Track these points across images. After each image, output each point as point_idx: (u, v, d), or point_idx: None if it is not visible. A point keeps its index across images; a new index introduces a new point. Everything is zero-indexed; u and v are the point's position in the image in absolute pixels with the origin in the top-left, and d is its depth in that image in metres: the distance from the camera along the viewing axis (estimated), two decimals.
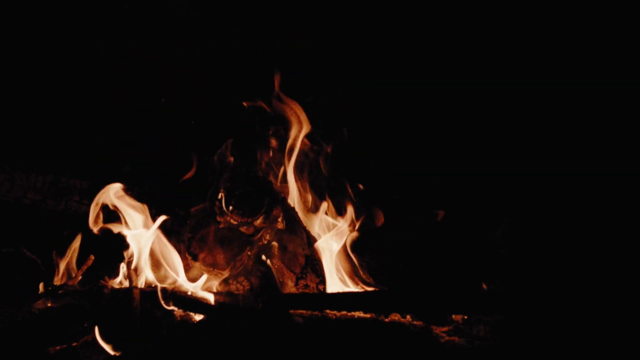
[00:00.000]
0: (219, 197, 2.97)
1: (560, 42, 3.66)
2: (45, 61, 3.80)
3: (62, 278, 2.62)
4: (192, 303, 2.43)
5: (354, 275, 2.90)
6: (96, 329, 2.17)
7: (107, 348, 2.13)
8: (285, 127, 3.21)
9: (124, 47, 3.85)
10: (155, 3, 3.83)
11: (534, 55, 3.72)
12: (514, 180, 3.60)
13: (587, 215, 3.11)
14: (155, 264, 2.76)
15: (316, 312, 2.43)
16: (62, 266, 2.63)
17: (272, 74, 3.22)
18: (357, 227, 3.08)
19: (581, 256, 2.79)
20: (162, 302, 2.38)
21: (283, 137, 3.22)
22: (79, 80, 3.82)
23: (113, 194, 2.80)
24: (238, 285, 2.80)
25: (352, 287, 2.85)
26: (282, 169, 3.19)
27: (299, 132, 3.18)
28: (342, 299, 2.51)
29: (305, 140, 3.24)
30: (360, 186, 3.19)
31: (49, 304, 2.48)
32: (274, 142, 3.21)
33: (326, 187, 3.26)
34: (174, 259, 2.80)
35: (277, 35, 3.68)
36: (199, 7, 3.82)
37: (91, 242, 2.98)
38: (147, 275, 2.64)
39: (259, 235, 2.96)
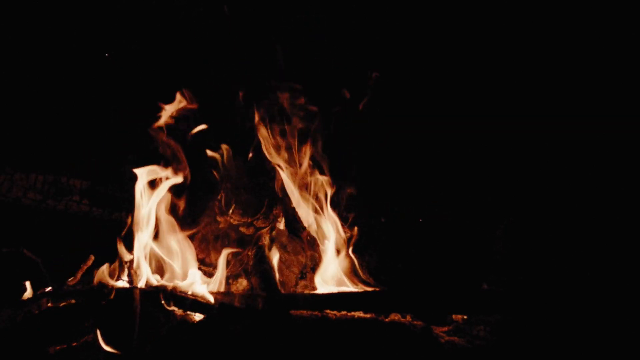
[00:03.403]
0: (219, 197, 2.97)
1: (555, 47, 3.67)
2: (44, 61, 3.80)
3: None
4: (192, 303, 2.43)
5: (354, 275, 2.90)
6: (96, 329, 2.18)
7: (107, 348, 2.13)
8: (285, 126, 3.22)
9: (123, 47, 3.85)
10: (154, 3, 3.83)
11: (532, 59, 3.73)
12: (514, 181, 3.60)
13: (587, 216, 3.11)
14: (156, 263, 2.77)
15: (316, 312, 2.43)
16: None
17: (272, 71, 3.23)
18: (357, 228, 3.08)
19: (581, 256, 2.79)
20: (163, 302, 2.39)
21: (282, 136, 3.22)
22: (78, 81, 3.81)
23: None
24: (238, 285, 2.80)
25: (352, 287, 2.85)
26: (280, 169, 3.18)
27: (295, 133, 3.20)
28: (342, 299, 2.51)
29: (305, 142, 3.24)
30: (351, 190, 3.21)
31: (49, 304, 2.48)
32: (274, 141, 3.21)
33: (326, 188, 3.25)
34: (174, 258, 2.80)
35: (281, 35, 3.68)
36: (199, 6, 3.83)
37: (91, 242, 2.98)
38: (147, 275, 2.64)
39: (258, 235, 2.96)
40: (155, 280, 2.65)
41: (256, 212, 2.92)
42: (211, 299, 2.49)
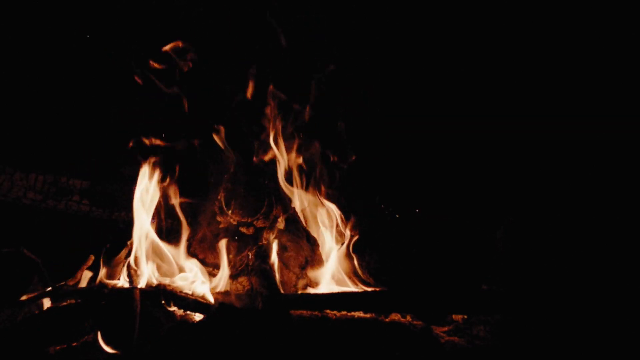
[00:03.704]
0: (219, 197, 2.97)
1: (555, 47, 3.67)
2: (44, 61, 3.80)
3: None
4: (192, 303, 2.43)
5: (354, 275, 2.90)
6: (97, 329, 2.17)
7: (107, 348, 2.13)
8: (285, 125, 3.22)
9: (123, 46, 3.85)
10: (154, 3, 3.83)
11: (532, 59, 3.73)
12: (514, 181, 3.60)
13: (587, 216, 3.11)
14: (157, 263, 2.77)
15: (316, 312, 2.43)
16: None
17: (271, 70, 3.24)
18: (357, 228, 3.08)
19: (580, 256, 2.79)
20: (163, 302, 2.38)
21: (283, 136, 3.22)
22: (78, 81, 3.82)
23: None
24: (238, 285, 2.80)
25: (352, 287, 2.85)
26: (281, 168, 3.18)
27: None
28: (342, 299, 2.51)
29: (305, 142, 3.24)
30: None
31: (49, 304, 2.48)
32: (274, 140, 3.21)
33: (327, 188, 3.25)
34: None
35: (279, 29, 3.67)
36: (199, 6, 3.83)
37: (91, 242, 2.98)
38: (148, 275, 2.64)
39: (259, 235, 2.96)
40: (155, 279, 2.65)
41: (256, 212, 2.92)
42: (211, 299, 2.49)
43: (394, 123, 3.84)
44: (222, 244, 2.83)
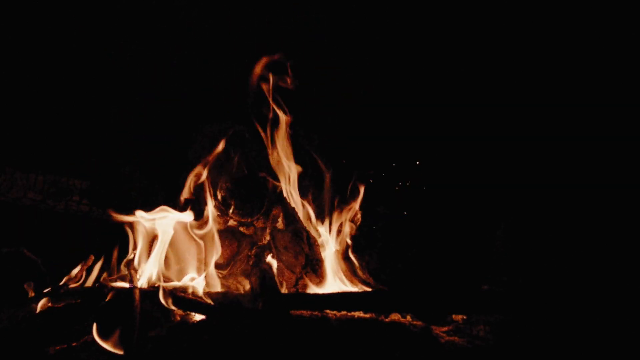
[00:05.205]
0: (219, 197, 2.97)
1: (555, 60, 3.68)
2: (44, 61, 3.81)
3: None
4: (192, 303, 2.43)
5: (354, 275, 2.90)
6: (96, 328, 2.17)
7: (107, 347, 2.13)
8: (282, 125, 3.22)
9: (123, 47, 3.85)
10: (154, 3, 3.83)
11: (532, 67, 3.74)
12: (514, 183, 3.60)
13: (587, 216, 3.11)
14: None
15: (316, 312, 2.43)
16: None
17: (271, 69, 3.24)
18: (357, 228, 3.08)
19: (580, 256, 2.80)
20: (163, 302, 2.38)
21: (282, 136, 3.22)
22: (78, 81, 3.82)
23: None
24: (238, 285, 2.80)
25: (352, 287, 2.85)
26: (282, 171, 3.19)
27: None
28: (342, 299, 2.51)
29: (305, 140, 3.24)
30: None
31: (49, 304, 2.48)
32: (277, 141, 3.21)
33: (327, 188, 3.26)
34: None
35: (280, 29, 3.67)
36: (199, 6, 3.83)
37: (91, 242, 2.99)
38: (148, 275, 2.64)
39: (259, 235, 2.96)
40: (155, 279, 2.65)
41: (256, 212, 2.92)
42: (210, 300, 2.48)
43: (393, 122, 3.85)
44: (223, 244, 2.83)
